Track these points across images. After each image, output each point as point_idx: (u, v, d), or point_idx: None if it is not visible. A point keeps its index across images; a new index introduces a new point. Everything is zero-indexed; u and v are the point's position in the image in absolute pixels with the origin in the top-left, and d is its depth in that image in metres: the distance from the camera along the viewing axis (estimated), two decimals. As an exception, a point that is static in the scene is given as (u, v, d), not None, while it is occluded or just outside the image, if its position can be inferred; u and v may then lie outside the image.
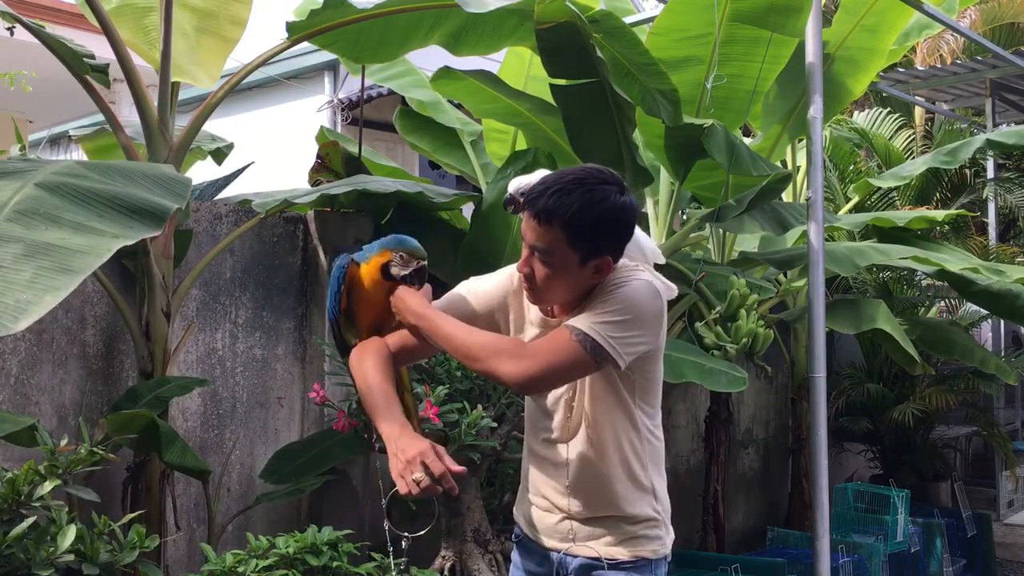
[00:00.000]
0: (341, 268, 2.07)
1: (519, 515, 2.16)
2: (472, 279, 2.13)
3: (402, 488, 1.75)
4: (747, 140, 4.96)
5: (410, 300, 1.98)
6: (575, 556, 2.03)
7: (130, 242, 1.89)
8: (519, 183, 2.12)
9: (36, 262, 1.71)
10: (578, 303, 1.94)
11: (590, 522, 2.02)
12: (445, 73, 4.15)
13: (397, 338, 2.06)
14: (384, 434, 1.83)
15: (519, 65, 4.90)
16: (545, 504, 2.07)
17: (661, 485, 2.06)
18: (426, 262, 2.03)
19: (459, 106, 4.85)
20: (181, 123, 3.48)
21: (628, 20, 4.32)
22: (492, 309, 2.06)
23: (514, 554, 2.19)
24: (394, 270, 2.03)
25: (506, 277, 2.08)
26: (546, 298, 1.95)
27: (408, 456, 1.76)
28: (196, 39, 3.53)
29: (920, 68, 8.45)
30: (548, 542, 2.07)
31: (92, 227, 1.87)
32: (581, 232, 1.81)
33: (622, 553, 2.01)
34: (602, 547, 2.01)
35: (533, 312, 2.04)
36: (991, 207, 8.08)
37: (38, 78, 5.46)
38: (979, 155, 6.71)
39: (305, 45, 3.67)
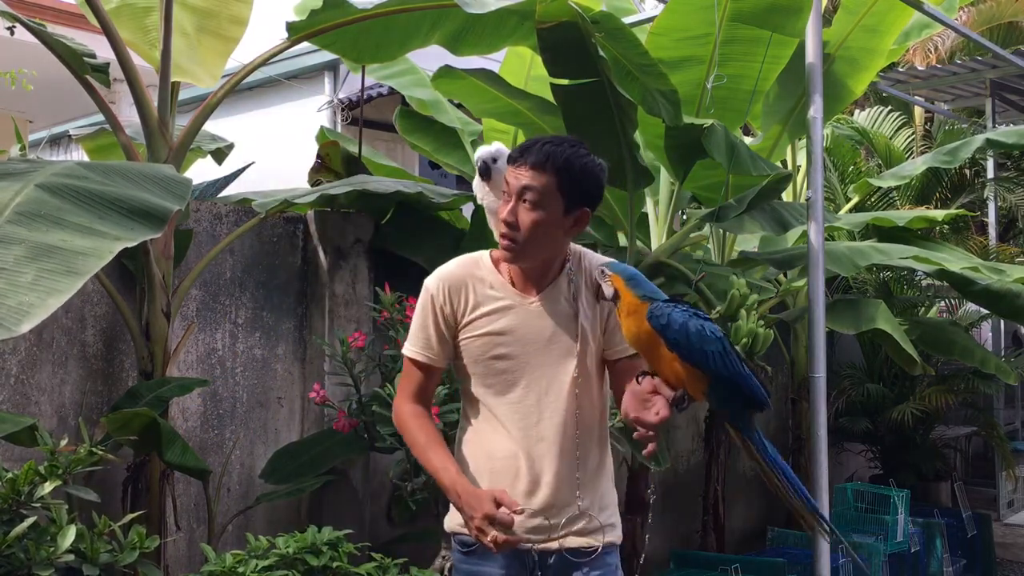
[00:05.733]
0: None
1: None
2: (405, 347, 2.11)
3: (483, 541, 1.87)
4: (747, 140, 4.96)
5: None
6: (554, 551, 2.01)
7: (131, 244, 1.90)
8: (484, 152, 2.19)
9: (38, 264, 1.71)
10: (547, 268, 2.03)
11: (573, 513, 2.02)
12: (446, 72, 4.15)
13: None
14: (450, 492, 1.97)
15: (520, 65, 4.90)
16: (524, 500, 2.00)
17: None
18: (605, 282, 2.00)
19: (460, 106, 4.85)
20: (181, 123, 3.47)
21: (628, 20, 4.32)
22: (445, 341, 2.07)
23: (463, 564, 2.09)
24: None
25: (426, 311, 2.07)
26: (527, 251, 1.98)
27: (473, 522, 1.89)
28: (197, 38, 3.53)
29: (920, 68, 8.45)
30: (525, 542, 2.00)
31: (93, 229, 1.87)
32: (572, 177, 1.95)
33: (600, 541, 2.03)
34: (581, 538, 2.02)
35: (498, 290, 2.04)
36: (991, 207, 8.09)
37: (38, 77, 5.45)
38: (979, 155, 6.72)
39: (305, 45, 3.67)
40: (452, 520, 2.09)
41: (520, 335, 2.01)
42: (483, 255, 2.11)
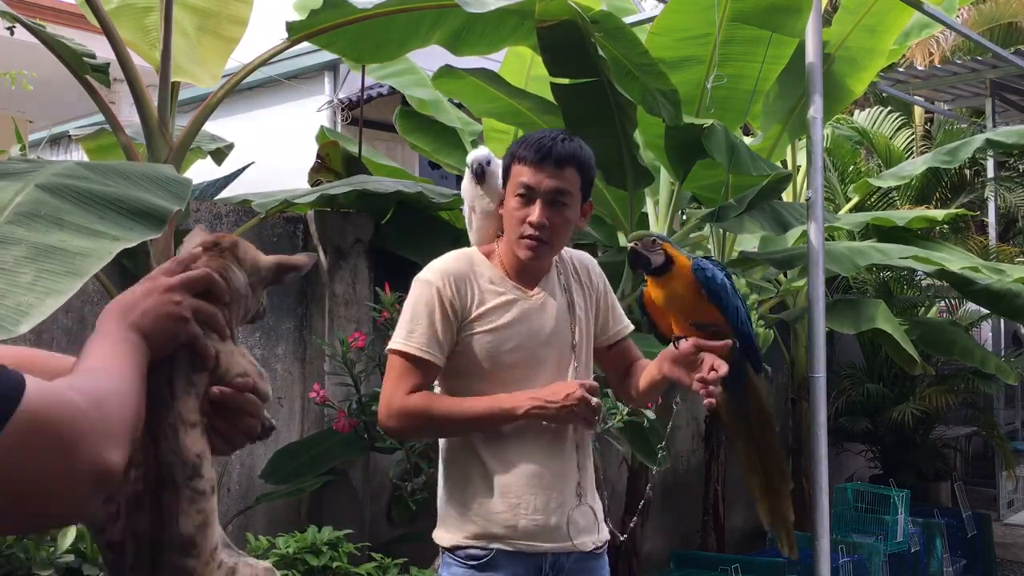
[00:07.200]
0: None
1: (494, 526, 1.93)
2: (401, 343, 1.95)
3: (584, 413, 1.88)
4: (747, 140, 4.96)
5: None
6: (570, 553, 1.95)
7: (131, 244, 1.89)
8: (480, 155, 2.16)
9: (37, 265, 1.70)
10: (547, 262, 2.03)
11: (584, 509, 1.99)
12: (446, 71, 4.15)
13: None
14: (523, 404, 1.89)
15: (520, 65, 4.90)
16: (541, 503, 1.92)
17: None
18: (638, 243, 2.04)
19: (460, 106, 4.85)
20: (181, 123, 3.47)
21: (628, 20, 4.32)
22: (450, 338, 1.96)
23: None
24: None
25: (431, 306, 1.95)
26: (553, 249, 1.99)
27: (573, 395, 1.87)
28: (197, 38, 3.53)
29: (920, 68, 8.45)
30: (544, 545, 1.92)
31: (93, 229, 1.87)
32: (589, 172, 1.97)
33: (605, 536, 2.04)
34: (592, 537, 2.00)
35: (499, 284, 1.98)
36: (991, 207, 8.09)
37: (38, 78, 5.45)
38: (979, 155, 6.72)
39: (305, 45, 3.67)
40: (453, 535, 1.97)
41: (526, 328, 1.96)
42: (472, 251, 2.07)
